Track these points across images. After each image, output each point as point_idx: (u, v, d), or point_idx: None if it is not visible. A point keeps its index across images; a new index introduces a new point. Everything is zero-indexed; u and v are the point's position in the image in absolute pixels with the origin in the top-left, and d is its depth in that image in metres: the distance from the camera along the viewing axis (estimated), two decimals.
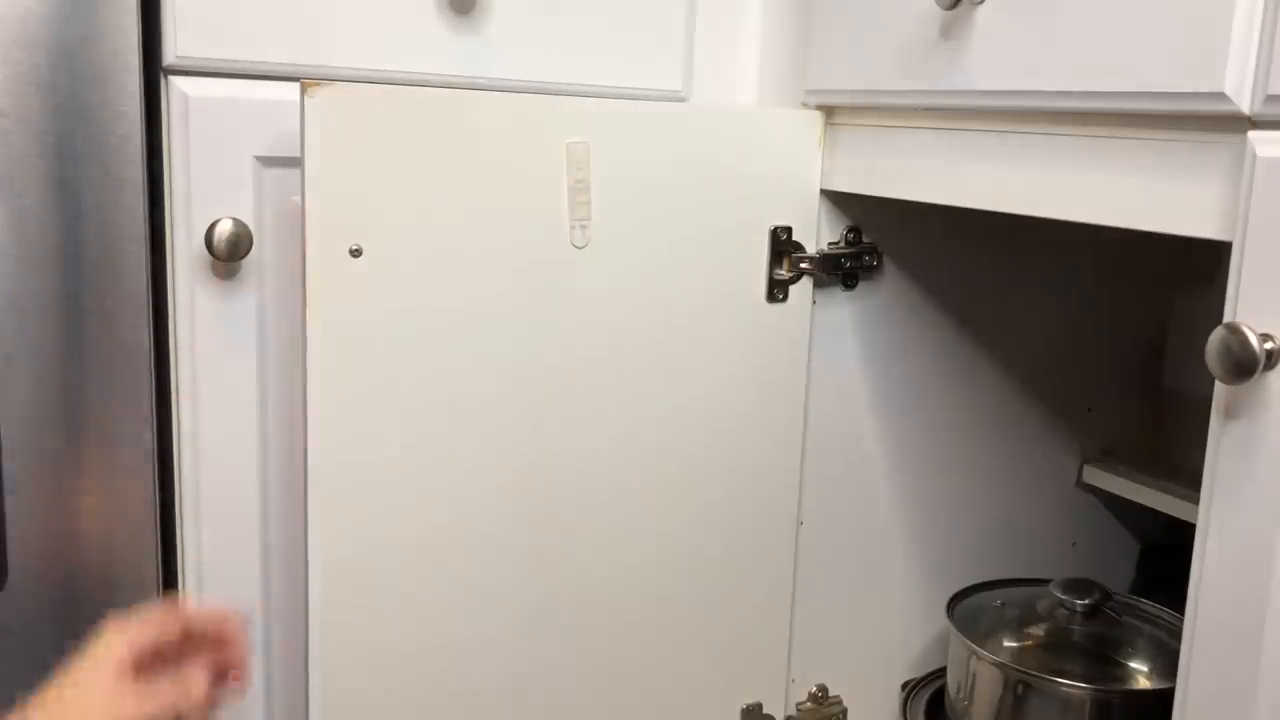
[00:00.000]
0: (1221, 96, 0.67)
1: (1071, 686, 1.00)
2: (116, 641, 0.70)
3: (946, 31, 0.86)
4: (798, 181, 1.02)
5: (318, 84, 0.82)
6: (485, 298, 0.90)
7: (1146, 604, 1.11)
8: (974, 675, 1.06)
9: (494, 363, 0.91)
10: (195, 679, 0.71)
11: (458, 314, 0.90)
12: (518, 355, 0.92)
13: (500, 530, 0.94)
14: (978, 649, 1.04)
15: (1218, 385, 0.65)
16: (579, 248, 0.93)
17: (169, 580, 0.95)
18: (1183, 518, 1.11)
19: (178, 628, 0.73)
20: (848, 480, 1.11)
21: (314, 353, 0.86)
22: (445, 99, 0.88)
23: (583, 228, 0.93)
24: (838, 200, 1.04)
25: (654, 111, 0.96)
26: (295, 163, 0.84)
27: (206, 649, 0.74)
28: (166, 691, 0.70)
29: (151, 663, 0.71)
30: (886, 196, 0.96)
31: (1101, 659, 1.04)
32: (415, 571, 0.91)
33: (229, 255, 0.91)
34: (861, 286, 1.08)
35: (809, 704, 1.14)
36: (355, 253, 0.86)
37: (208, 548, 0.95)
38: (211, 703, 0.72)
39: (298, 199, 0.84)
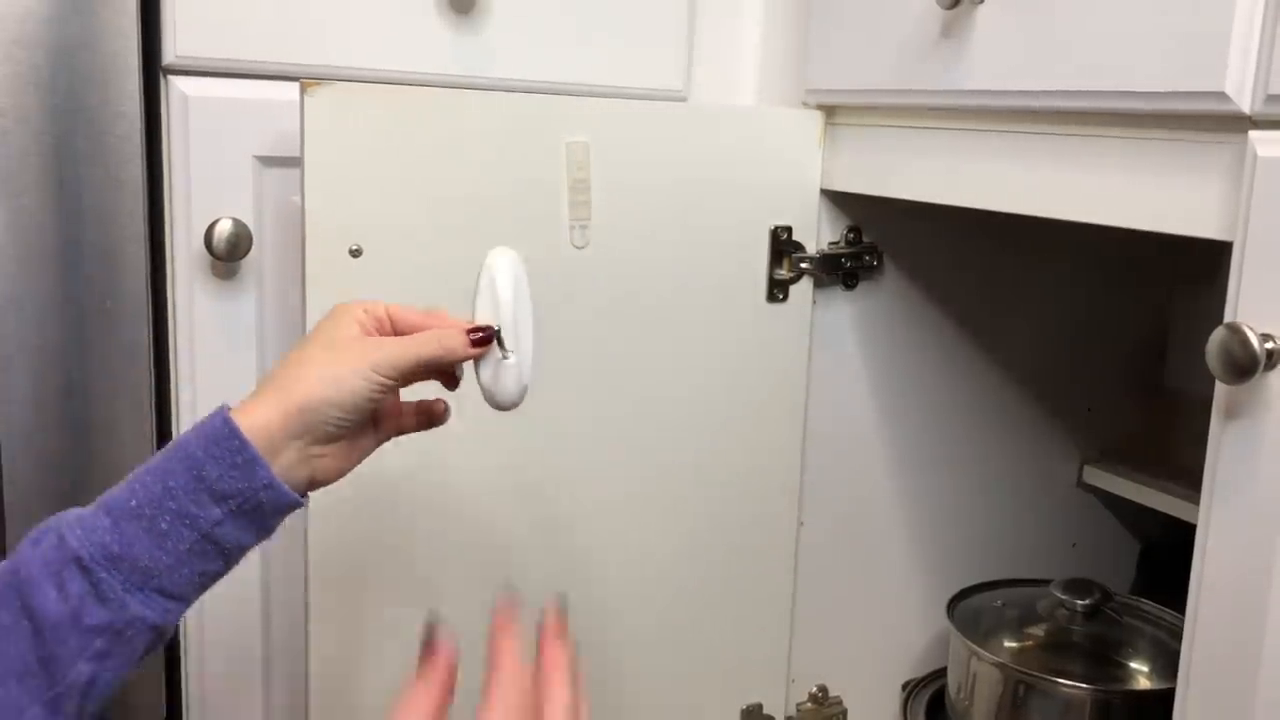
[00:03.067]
0: (1222, 96, 0.67)
1: (1071, 687, 1.00)
2: (352, 306, 0.67)
3: (946, 31, 0.85)
4: (798, 181, 1.02)
5: (318, 84, 0.82)
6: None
7: (1146, 604, 1.11)
8: (974, 675, 1.06)
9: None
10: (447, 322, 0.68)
11: (457, 314, 0.89)
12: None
13: (500, 529, 0.94)
14: (978, 649, 1.04)
15: (1218, 385, 0.65)
16: (579, 248, 0.93)
17: None
18: (1183, 518, 1.11)
19: (388, 324, 0.69)
20: (848, 480, 1.11)
21: None
22: (445, 99, 0.88)
23: (583, 228, 0.93)
24: (838, 200, 1.04)
25: (654, 111, 0.96)
26: (295, 163, 0.84)
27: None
28: (417, 338, 0.66)
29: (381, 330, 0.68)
30: (886, 196, 0.96)
31: (1101, 659, 1.04)
32: (415, 572, 0.91)
33: (229, 255, 0.91)
34: (861, 286, 1.08)
35: (809, 704, 1.14)
36: (355, 253, 0.86)
37: None
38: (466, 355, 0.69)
39: (298, 199, 0.84)
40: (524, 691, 0.62)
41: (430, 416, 0.72)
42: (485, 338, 0.69)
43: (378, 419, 0.69)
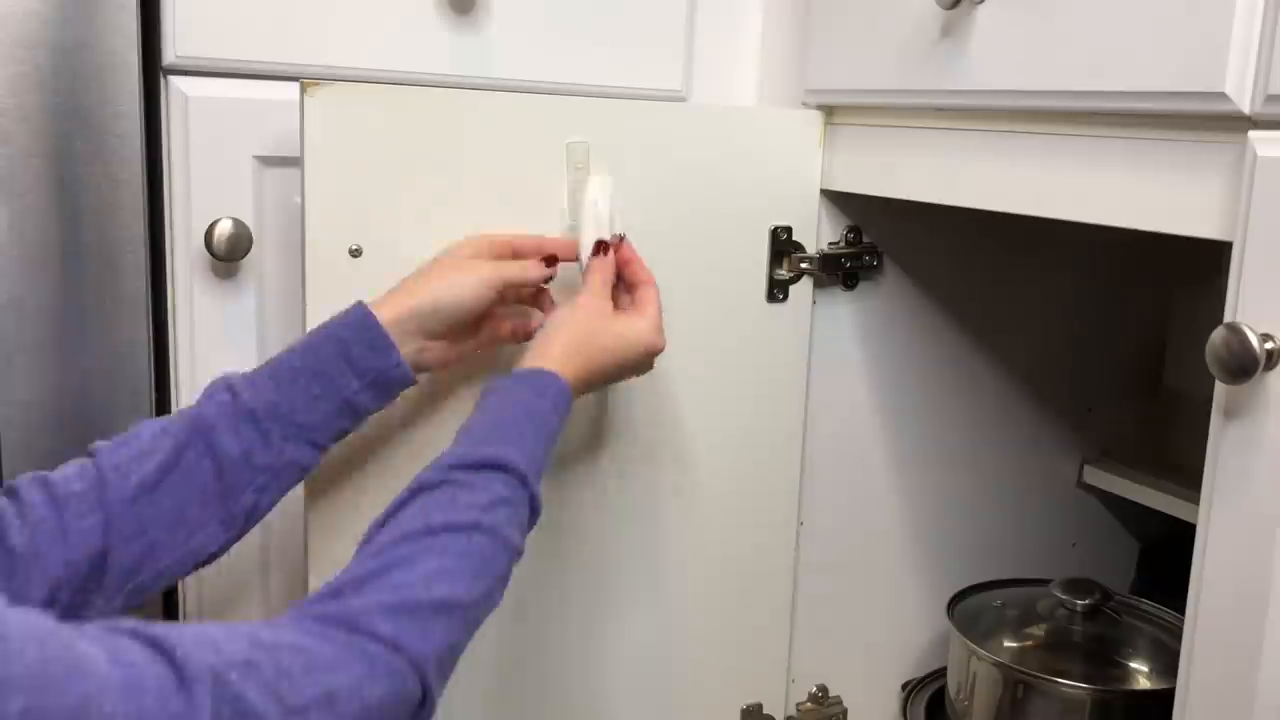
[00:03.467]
0: (1222, 96, 0.67)
1: (1071, 687, 1.00)
2: (470, 241, 0.83)
3: (947, 31, 0.86)
4: (798, 181, 1.02)
5: (318, 84, 0.82)
6: None
7: (1146, 604, 1.11)
8: (974, 675, 1.06)
9: (493, 361, 0.91)
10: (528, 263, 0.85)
11: None
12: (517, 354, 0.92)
13: None
14: (978, 649, 1.04)
15: (1218, 385, 0.65)
16: None
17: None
18: (1183, 518, 1.11)
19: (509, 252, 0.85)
20: (848, 480, 1.11)
21: None
22: (445, 99, 0.88)
23: None
24: (838, 200, 1.04)
25: (654, 111, 0.96)
26: (295, 163, 0.84)
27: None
28: (511, 263, 0.84)
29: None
30: (886, 196, 0.96)
31: (1101, 659, 1.04)
32: None
33: (229, 255, 0.91)
34: (861, 286, 1.08)
35: (809, 704, 1.14)
36: (355, 253, 0.86)
37: None
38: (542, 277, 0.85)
39: (298, 199, 0.84)
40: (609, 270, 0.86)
41: (516, 332, 0.86)
42: (551, 259, 0.85)
43: (479, 325, 0.84)
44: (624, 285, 0.87)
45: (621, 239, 0.87)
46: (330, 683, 0.55)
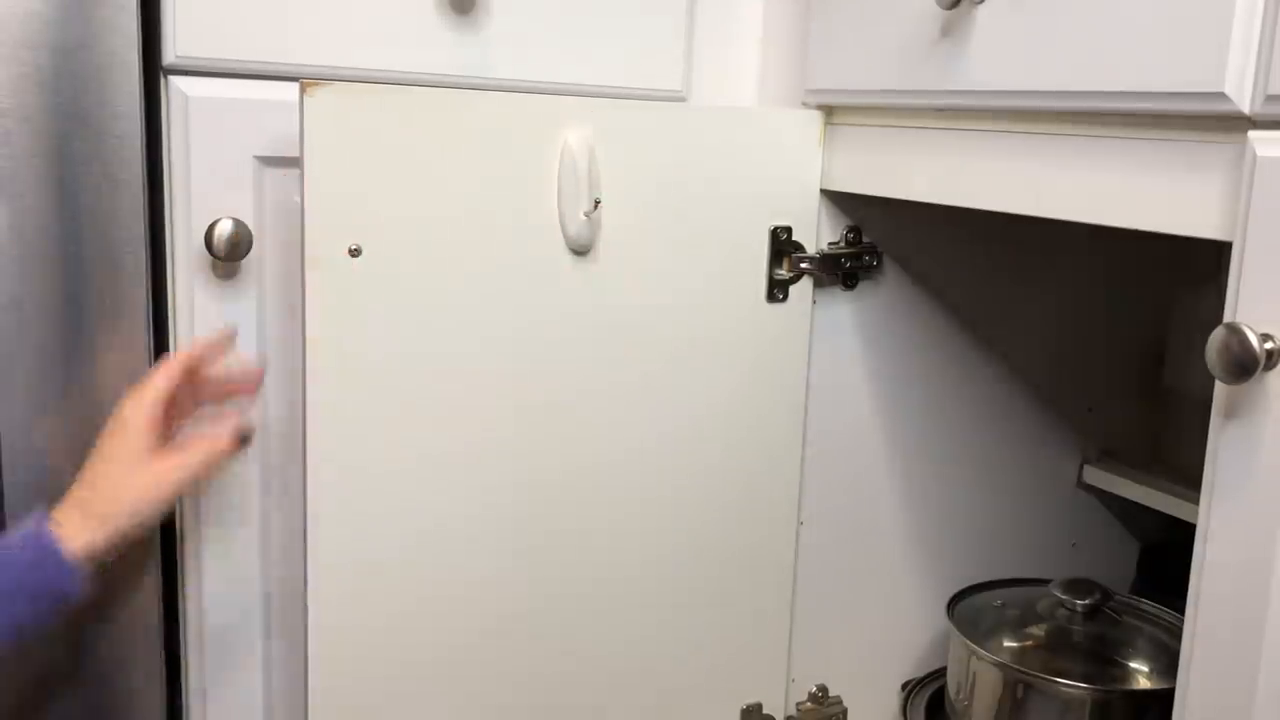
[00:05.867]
0: (1221, 96, 0.67)
1: (1071, 687, 1.00)
2: (134, 413, 0.81)
3: (946, 31, 0.86)
4: (798, 181, 1.02)
5: (318, 84, 0.82)
6: (485, 297, 0.90)
7: (1146, 604, 1.11)
8: (974, 675, 1.06)
9: (493, 362, 0.91)
10: (217, 433, 0.83)
11: (457, 313, 0.90)
12: (517, 354, 0.92)
13: (499, 528, 0.94)
14: (978, 649, 1.04)
15: (1218, 385, 0.65)
16: (578, 248, 0.93)
17: (168, 579, 0.95)
18: (1183, 518, 1.11)
19: (182, 376, 0.84)
20: (848, 480, 1.11)
21: (314, 353, 0.86)
22: (445, 99, 0.88)
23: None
24: (838, 200, 1.04)
25: (654, 111, 0.96)
26: (295, 163, 0.84)
27: (212, 387, 0.88)
28: (195, 451, 0.82)
29: (168, 417, 0.83)
30: (886, 196, 0.96)
31: (1101, 659, 1.04)
32: (414, 571, 0.91)
33: (229, 255, 0.91)
34: (861, 286, 1.08)
35: (809, 704, 1.14)
36: (355, 253, 0.86)
37: (207, 547, 0.95)
38: (233, 449, 0.84)
39: (298, 199, 0.84)
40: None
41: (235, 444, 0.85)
42: (247, 440, 0.85)
43: None
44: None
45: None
46: None
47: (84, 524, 0.78)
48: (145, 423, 0.81)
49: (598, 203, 0.92)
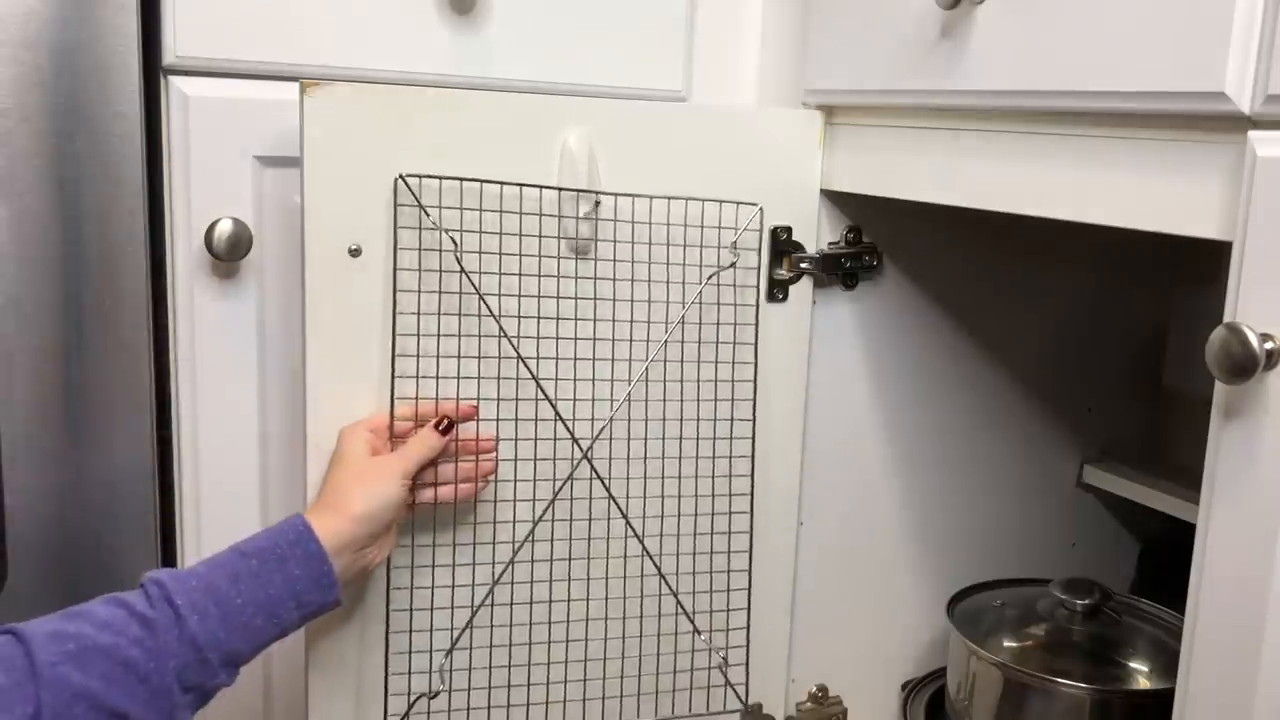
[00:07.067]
0: (1221, 96, 0.67)
1: (1071, 687, 1.00)
2: (351, 438, 0.84)
3: (946, 31, 0.86)
4: (797, 181, 1.02)
5: (317, 84, 0.82)
6: (484, 297, 0.90)
7: (1146, 604, 1.11)
8: (974, 675, 1.06)
9: (493, 362, 0.91)
10: (424, 432, 0.86)
11: (457, 313, 0.90)
12: (517, 354, 0.92)
13: (499, 528, 0.94)
14: (978, 649, 1.04)
15: (1218, 385, 0.65)
16: (578, 248, 0.93)
17: None
18: (1183, 518, 1.11)
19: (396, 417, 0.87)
20: (848, 480, 1.11)
21: (314, 352, 0.86)
22: (445, 99, 0.88)
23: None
24: (838, 200, 1.04)
25: (654, 111, 0.96)
26: (295, 163, 0.84)
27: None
28: (409, 444, 0.85)
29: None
30: (886, 196, 0.96)
31: (1101, 659, 1.04)
32: (413, 570, 0.91)
33: (229, 255, 0.91)
34: (861, 286, 1.08)
35: (809, 704, 1.14)
36: (355, 252, 0.86)
37: (208, 547, 0.95)
38: (443, 436, 0.86)
39: (298, 199, 0.84)
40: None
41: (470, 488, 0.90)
42: (449, 426, 0.87)
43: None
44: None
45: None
46: None
47: (336, 524, 0.79)
48: (363, 444, 0.84)
49: (598, 203, 0.92)
